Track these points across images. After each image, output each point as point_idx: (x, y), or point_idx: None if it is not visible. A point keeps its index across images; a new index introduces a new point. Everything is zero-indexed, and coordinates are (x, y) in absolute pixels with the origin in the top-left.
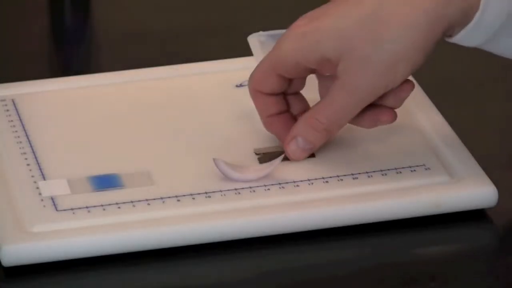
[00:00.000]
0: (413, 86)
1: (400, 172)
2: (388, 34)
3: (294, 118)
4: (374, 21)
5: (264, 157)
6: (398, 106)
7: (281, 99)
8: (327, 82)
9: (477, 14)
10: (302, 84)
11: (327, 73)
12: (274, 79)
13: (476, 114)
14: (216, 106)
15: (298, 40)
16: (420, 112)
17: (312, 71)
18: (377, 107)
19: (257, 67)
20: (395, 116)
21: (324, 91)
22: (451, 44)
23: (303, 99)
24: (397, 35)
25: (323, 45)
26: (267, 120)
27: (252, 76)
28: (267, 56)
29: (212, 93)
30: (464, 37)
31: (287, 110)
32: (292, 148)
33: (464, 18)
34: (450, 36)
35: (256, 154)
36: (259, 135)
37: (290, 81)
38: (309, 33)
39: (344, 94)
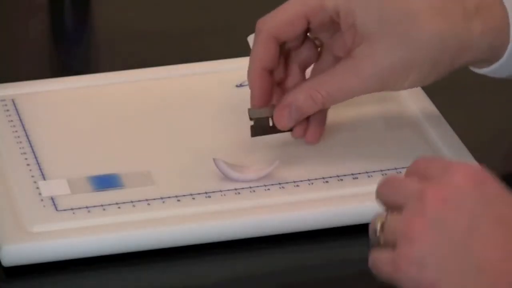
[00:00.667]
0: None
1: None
2: (419, 34)
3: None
4: (412, 21)
5: (256, 123)
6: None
7: (283, 64)
8: (337, 51)
9: (509, 47)
10: (316, 55)
11: (346, 39)
12: (300, 26)
13: (476, 114)
14: (216, 106)
15: None
16: (420, 113)
17: (331, 30)
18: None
19: (280, 9)
20: (317, 139)
21: (329, 59)
22: None
23: (304, 75)
24: (427, 39)
25: (363, 12)
26: (260, 72)
27: (273, 16)
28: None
29: (212, 93)
30: (494, 71)
31: (280, 77)
32: (284, 114)
33: (493, 55)
34: (479, 67)
35: (251, 119)
36: None
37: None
38: None
39: (354, 77)
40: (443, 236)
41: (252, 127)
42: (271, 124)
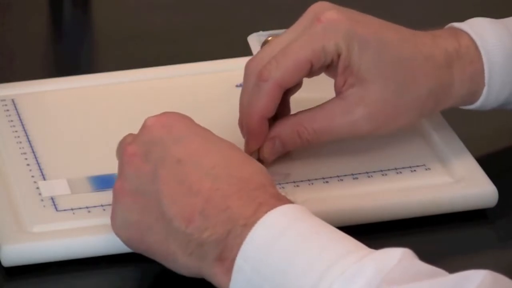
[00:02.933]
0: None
1: (400, 172)
2: (413, 85)
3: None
4: (407, 70)
5: None
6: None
7: None
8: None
9: (484, 90)
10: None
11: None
12: (305, 72)
13: (476, 114)
14: (216, 106)
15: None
16: None
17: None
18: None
19: (284, 56)
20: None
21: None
22: None
23: (288, 102)
24: (420, 90)
25: (360, 56)
26: (260, 121)
27: (279, 64)
28: (302, 41)
29: (212, 93)
30: (479, 107)
31: None
32: (268, 147)
33: (470, 100)
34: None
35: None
36: None
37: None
38: (352, 28)
39: (344, 119)
40: (135, 189)
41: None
42: None
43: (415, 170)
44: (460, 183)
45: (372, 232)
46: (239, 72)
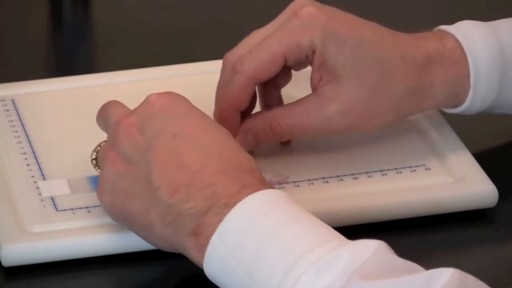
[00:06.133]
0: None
1: (400, 172)
2: (389, 85)
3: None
4: (383, 69)
5: None
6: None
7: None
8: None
9: (470, 93)
10: (290, 77)
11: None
12: (278, 65)
13: (476, 114)
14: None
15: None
16: (420, 113)
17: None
18: None
19: (258, 49)
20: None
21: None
22: None
23: (280, 94)
24: (396, 90)
25: (337, 53)
26: (231, 112)
27: (252, 57)
28: (277, 36)
29: (212, 93)
30: (460, 112)
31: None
32: (240, 139)
33: (454, 102)
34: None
35: None
36: None
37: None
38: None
39: (317, 114)
40: (128, 158)
41: None
42: None
43: (415, 170)
44: (460, 183)
45: (372, 232)
46: None
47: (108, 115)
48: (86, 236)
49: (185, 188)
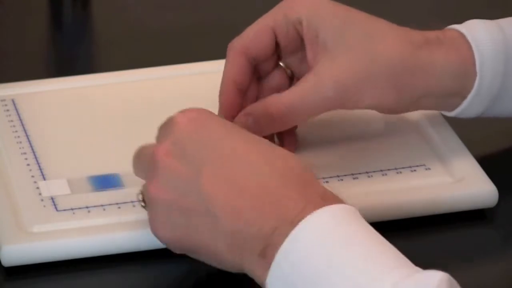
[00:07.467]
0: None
1: (400, 172)
2: (380, 50)
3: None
4: (374, 38)
5: None
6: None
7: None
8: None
9: (477, 80)
10: (287, 83)
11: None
12: (267, 38)
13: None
14: (216, 106)
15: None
16: (420, 112)
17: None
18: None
19: (249, 27)
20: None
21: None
22: None
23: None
24: (388, 55)
25: (325, 26)
26: (230, 87)
27: (242, 34)
28: (269, 12)
29: (212, 93)
30: (466, 108)
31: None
32: (239, 122)
33: (459, 88)
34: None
35: None
36: None
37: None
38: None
39: (314, 91)
40: (175, 191)
41: None
42: None
43: (415, 170)
44: (460, 183)
45: None
46: None
47: (142, 156)
48: (86, 236)
49: (247, 213)
